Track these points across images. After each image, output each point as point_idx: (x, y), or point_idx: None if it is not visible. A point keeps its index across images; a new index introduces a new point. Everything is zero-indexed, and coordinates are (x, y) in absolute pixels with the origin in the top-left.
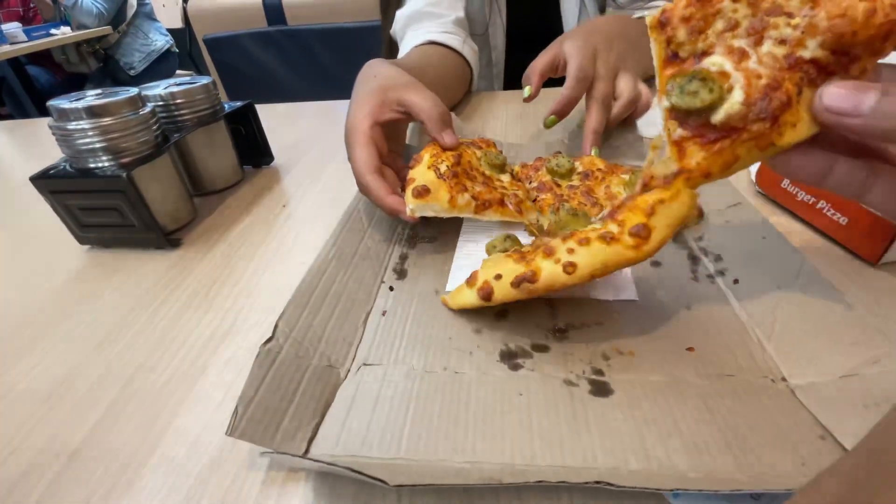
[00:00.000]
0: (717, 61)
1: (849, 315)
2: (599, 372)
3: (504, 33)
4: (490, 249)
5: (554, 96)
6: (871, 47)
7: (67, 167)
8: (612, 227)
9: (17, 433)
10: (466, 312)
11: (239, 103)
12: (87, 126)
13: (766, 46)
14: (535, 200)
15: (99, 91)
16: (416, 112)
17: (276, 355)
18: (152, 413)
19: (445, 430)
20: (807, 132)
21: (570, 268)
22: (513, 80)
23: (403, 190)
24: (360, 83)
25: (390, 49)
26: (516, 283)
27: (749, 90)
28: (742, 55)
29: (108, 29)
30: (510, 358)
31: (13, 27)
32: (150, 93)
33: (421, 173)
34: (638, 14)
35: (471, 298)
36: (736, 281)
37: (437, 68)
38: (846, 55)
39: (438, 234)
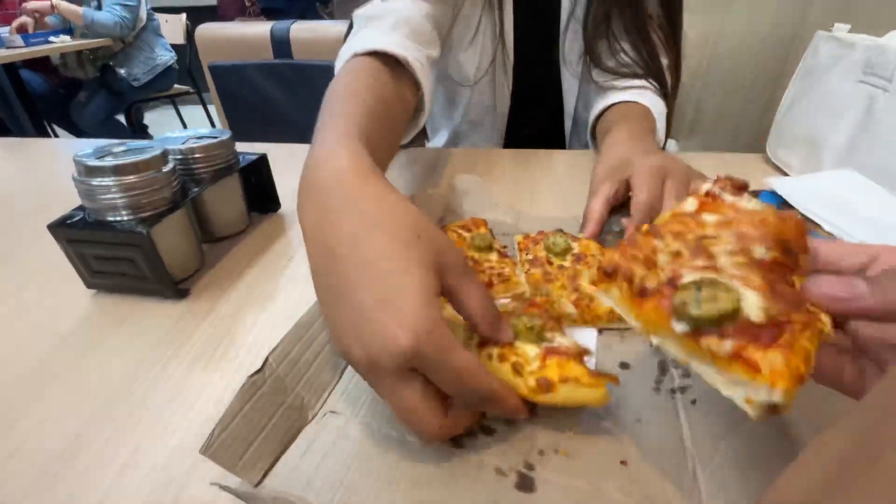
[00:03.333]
0: (696, 276)
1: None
2: (530, 467)
3: (510, 98)
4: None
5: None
6: (800, 245)
7: (86, 217)
8: (532, 365)
9: (25, 499)
10: None
11: (253, 156)
12: (111, 183)
13: (724, 260)
14: (526, 272)
15: (124, 146)
16: (466, 309)
17: (259, 388)
18: (165, 479)
19: (376, 493)
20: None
21: None
22: (514, 118)
23: None
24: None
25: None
26: None
27: (757, 287)
28: (713, 268)
29: (109, 40)
30: (457, 435)
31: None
32: (170, 147)
33: None
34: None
35: None
36: (694, 402)
37: (383, 120)
38: (790, 252)
39: None
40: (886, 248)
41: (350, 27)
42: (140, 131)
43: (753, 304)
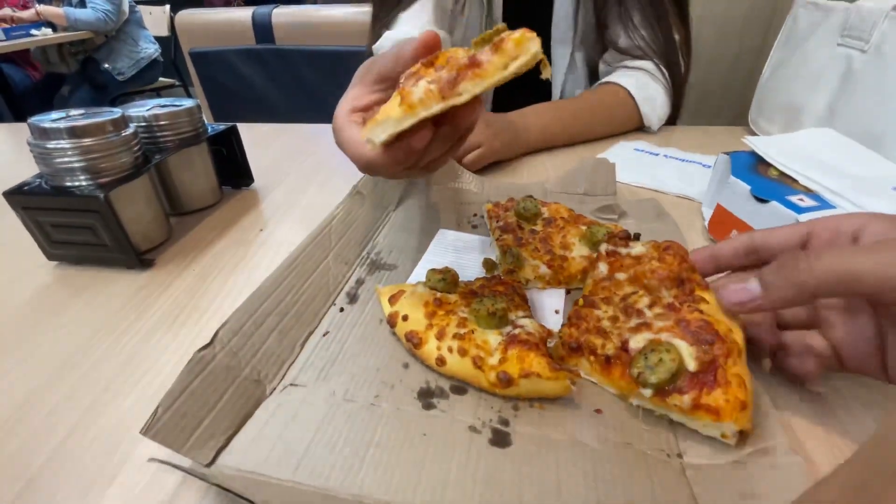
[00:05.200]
0: (638, 339)
1: (759, 402)
2: (505, 422)
3: None
4: (428, 277)
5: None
6: (685, 268)
7: (43, 184)
8: (494, 357)
9: None
10: (401, 346)
11: (222, 126)
12: (66, 146)
13: (649, 314)
14: (497, 239)
15: (82, 111)
16: (387, 66)
17: (208, 363)
18: (114, 440)
19: (343, 461)
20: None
21: (439, 362)
22: (500, 105)
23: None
24: None
25: None
26: (408, 338)
27: (681, 335)
28: (646, 325)
29: (91, 33)
30: (427, 396)
31: None
32: (133, 113)
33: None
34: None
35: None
36: None
37: None
38: (683, 281)
39: (399, 262)
40: (818, 223)
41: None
42: None
43: (688, 355)
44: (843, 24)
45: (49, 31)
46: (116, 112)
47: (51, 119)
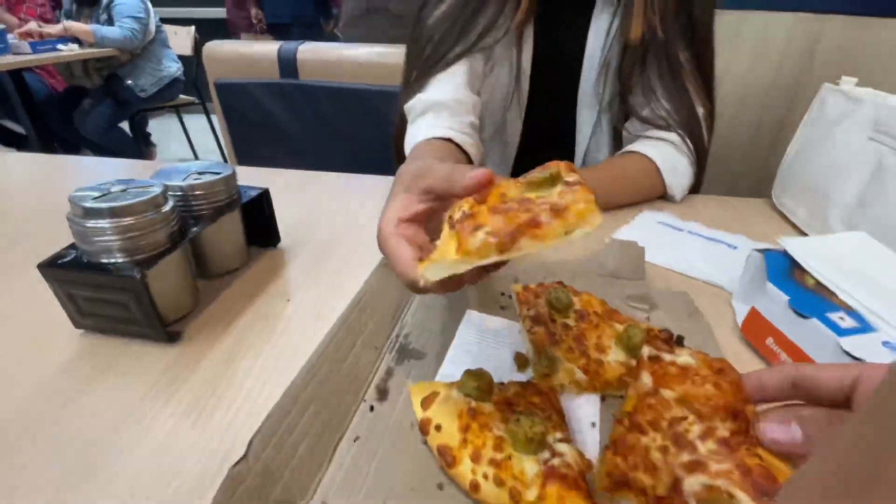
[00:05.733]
0: (693, 482)
1: None
2: None
3: (520, 132)
4: (462, 381)
5: None
6: (742, 400)
7: (78, 256)
8: (531, 491)
9: None
10: (433, 459)
11: (255, 191)
12: (106, 225)
13: (702, 449)
14: (529, 331)
15: (123, 185)
16: (439, 184)
17: (240, 484)
18: None
19: None
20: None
21: (474, 487)
22: (522, 160)
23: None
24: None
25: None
26: (441, 453)
27: (740, 484)
28: (699, 463)
29: (116, 51)
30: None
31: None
32: (171, 183)
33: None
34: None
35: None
36: None
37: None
38: (738, 416)
39: (428, 347)
40: (866, 368)
41: (402, 116)
42: (143, 140)
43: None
44: (874, 119)
45: (75, 46)
46: (157, 188)
47: (92, 197)
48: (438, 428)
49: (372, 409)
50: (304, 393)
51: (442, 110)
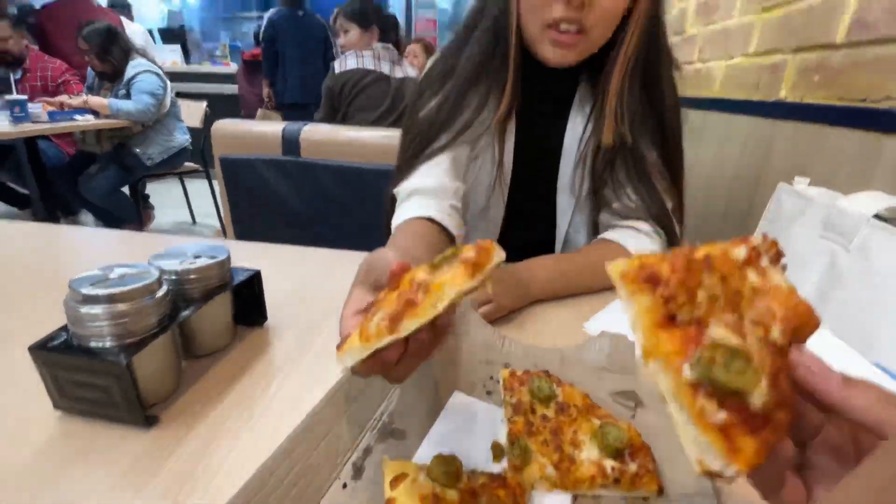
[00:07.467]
0: (724, 335)
1: None
2: None
3: (503, 215)
4: (432, 465)
5: None
6: (805, 336)
7: (69, 340)
8: None
9: None
10: None
11: (247, 273)
12: (100, 311)
13: (748, 326)
14: (509, 419)
15: (122, 270)
16: (382, 276)
17: None
18: None
19: None
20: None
21: None
22: (503, 243)
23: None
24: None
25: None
26: None
27: (767, 373)
28: (740, 332)
29: (130, 122)
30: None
31: (37, 107)
32: (166, 266)
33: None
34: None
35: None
36: None
37: (428, 248)
38: (794, 334)
39: (410, 427)
40: None
41: (392, 198)
42: (142, 202)
43: (761, 392)
44: (825, 220)
45: (91, 116)
46: (154, 274)
47: (90, 283)
48: None
49: (345, 486)
50: (281, 464)
51: (426, 194)
